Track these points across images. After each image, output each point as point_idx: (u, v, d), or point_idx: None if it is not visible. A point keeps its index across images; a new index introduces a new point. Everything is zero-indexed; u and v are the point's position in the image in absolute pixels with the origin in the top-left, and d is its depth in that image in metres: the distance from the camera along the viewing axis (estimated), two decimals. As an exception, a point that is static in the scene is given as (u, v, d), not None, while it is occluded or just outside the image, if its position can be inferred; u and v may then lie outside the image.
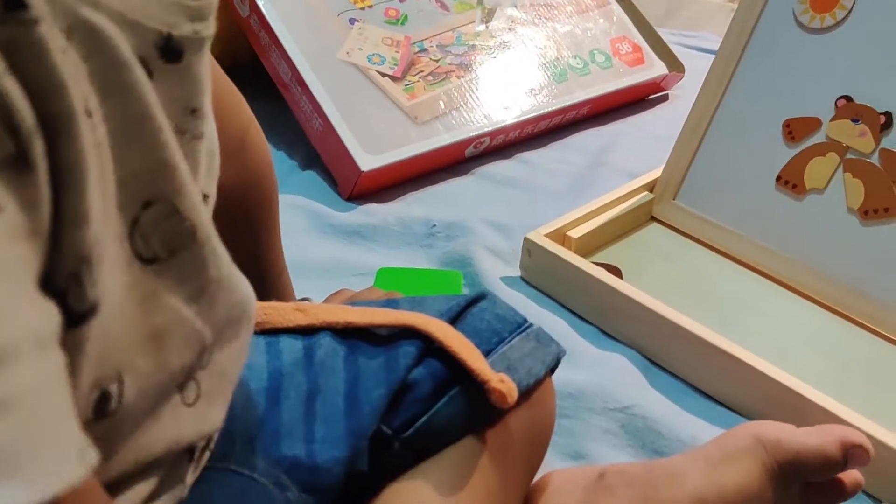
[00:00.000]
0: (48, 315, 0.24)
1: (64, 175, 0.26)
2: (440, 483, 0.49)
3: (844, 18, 0.86)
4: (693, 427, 0.70)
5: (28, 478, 0.21)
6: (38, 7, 0.25)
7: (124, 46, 0.30)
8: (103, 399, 0.31)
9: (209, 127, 0.38)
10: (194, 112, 0.35)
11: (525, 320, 0.56)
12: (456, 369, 0.50)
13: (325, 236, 0.95)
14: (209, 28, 0.35)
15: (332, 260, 0.91)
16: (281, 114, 1.09)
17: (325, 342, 0.51)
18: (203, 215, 0.35)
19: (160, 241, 0.33)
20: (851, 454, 0.56)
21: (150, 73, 0.32)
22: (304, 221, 0.97)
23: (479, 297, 0.56)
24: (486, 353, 0.52)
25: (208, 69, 0.36)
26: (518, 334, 0.55)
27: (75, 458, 0.23)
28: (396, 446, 0.50)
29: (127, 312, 0.32)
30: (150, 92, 0.31)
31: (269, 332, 0.53)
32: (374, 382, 0.49)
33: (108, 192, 0.30)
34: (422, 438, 0.50)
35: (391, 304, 0.56)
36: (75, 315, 0.27)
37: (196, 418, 0.38)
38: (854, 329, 0.84)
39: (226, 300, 0.37)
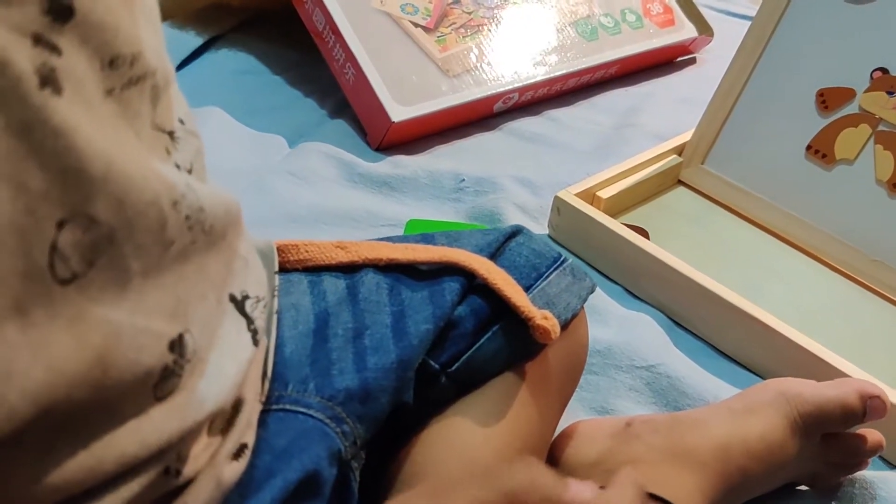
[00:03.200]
0: None
1: None
2: (484, 415, 0.51)
3: (886, -11, 0.85)
4: (717, 388, 0.71)
5: None
6: None
7: None
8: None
9: (152, 60, 0.33)
10: (113, 63, 0.31)
11: (560, 255, 0.58)
12: (497, 305, 0.52)
13: (353, 185, 0.96)
14: None
15: (360, 209, 0.92)
16: (313, 62, 1.09)
17: (368, 279, 0.53)
18: (131, 197, 0.31)
19: (79, 258, 0.29)
20: (870, 405, 0.59)
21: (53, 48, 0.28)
22: (332, 170, 0.97)
23: (515, 232, 0.58)
24: (527, 289, 0.54)
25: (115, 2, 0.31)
26: (555, 269, 0.56)
27: None
28: (443, 381, 0.52)
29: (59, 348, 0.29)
30: (33, 91, 0.27)
31: (310, 269, 0.54)
32: (421, 316, 0.50)
33: None
34: (466, 372, 0.52)
35: (427, 239, 0.57)
36: None
37: (173, 409, 0.35)
38: (878, 300, 0.85)
39: (164, 283, 0.34)
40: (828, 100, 0.89)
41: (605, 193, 0.90)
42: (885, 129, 0.85)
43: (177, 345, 0.34)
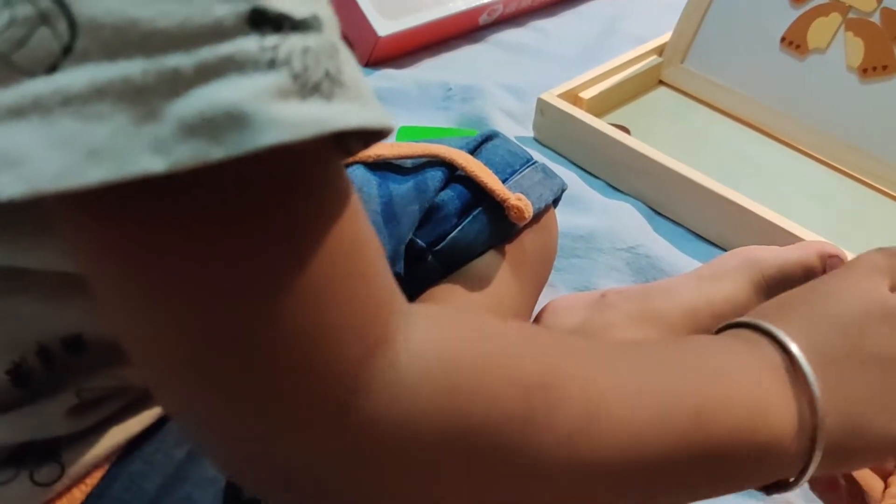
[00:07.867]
0: None
1: None
2: (471, 285, 0.56)
3: None
4: (693, 267, 0.75)
5: None
6: None
7: None
8: None
9: None
10: None
11: (531, 157, 0.63)
12: (478, 192, 0.57)
13: (345, 100, 1.00)
14: None
15: (353, 121, 0.96)
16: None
17: (358, 174, 0.57)
18: None
19: None
20: (829, 264, 0.63)
21: None
22: (325, 86, 1.01)
23: (492, 136, 0.63)
24: (503, 182, 0.58)
25: None
26: (527, 167, 0.61)
27: None
28: (430, 259, 0.57)
29: None
30: None
31: None
32: (407, 200, 0.55)
33: None
34: (450, 252, 0.57)
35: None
36: None
37: None
38: (851, 182, 0.89)
39: None
40: (800, -9, 0.91)
41: (587, 94, 0.93)
42: (855, 16, 0.88)
43: None
